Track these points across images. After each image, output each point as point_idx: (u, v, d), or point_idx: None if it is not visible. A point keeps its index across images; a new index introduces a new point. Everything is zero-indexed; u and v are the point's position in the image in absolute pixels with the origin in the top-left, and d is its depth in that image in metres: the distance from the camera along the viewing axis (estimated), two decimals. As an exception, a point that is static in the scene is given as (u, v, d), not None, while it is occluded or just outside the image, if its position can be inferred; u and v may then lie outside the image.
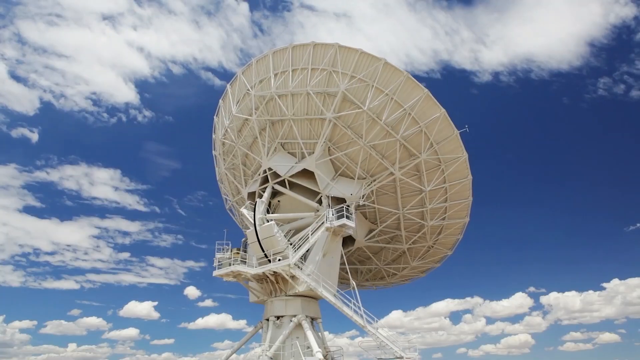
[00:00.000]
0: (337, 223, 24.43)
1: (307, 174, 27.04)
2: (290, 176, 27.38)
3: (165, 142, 73.35)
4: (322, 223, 24.86)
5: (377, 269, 31.51)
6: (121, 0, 63.17)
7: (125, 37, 64.91)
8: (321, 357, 24.51)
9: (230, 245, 26.41)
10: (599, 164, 66.82)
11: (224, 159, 30.71)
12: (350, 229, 25.04)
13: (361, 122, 24.82)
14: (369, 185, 26.44)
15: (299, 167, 27.10)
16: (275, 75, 26.10)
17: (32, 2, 58.95)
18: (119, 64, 64.60)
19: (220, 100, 30.37)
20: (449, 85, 68.57)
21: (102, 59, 64.07)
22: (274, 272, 24.50)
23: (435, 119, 24.13)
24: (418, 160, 25.56)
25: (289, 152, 28.43)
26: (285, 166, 27.50)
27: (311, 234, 24.46)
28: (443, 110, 24.06)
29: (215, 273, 25.36)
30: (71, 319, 61.54)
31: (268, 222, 25.01)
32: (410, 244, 29.41)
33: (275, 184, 27.77)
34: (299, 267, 23.99)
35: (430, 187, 26.15)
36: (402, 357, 20.42)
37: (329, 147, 26.67)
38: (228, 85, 29.27)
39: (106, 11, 62.20)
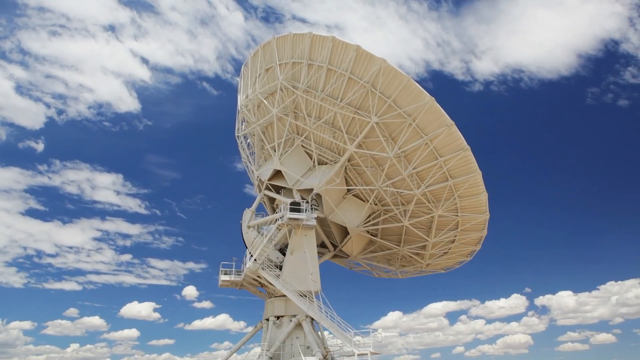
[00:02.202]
0: (288, 216, 24.21)
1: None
2: (272, 178, 27.52)
3: (165, 154, 75.04)
4: (277, 220, 25.08)
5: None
6: (122, 12, 64.49)
7: (126, 48, 66.58)
8: (321, 357, 24.76)
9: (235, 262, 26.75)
10: (592, 168, 69.57)
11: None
12: (311, 220, 24.66)
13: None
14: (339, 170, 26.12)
15: (270, 169, 27.34)
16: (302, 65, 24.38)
17: (36, 14, 60.23)
18: (120, 74, 66.21)
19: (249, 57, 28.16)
20: (441, 94, 72.48)
21: (104, 69, 65.59)
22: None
23: (456, 155, 23.45)
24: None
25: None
26: (267, 170, 27.71)
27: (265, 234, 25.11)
28: (467, 147, 23.08)
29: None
30: (72, 320, 61.85)
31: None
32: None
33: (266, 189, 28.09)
34: (262, 268, 24.37)
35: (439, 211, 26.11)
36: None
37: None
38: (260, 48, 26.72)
39: (106, 22, 63.94)
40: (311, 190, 25.79)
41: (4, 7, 61.60)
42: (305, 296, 23.17)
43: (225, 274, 26.36)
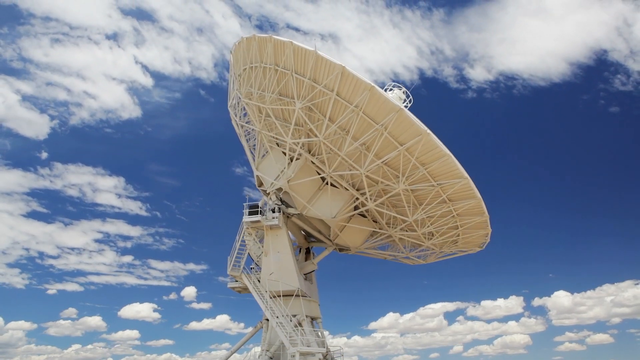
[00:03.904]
0: (244, 220, 24.08)
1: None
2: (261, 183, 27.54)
3: (166, 160, 75.35)
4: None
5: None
6: (123, 20, 65.72)
7: (128, 55, 67.63)
8: (321, 357, 23.93)
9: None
10: (587, 171, 70.26)
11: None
12: (272, 221, 24.22)
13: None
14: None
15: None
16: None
17: (40, 22, 60.97)
18: (121, 81, 67.16)
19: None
20: (434, 101, 71.80)
21: (107, 76, 66.82)
22: None
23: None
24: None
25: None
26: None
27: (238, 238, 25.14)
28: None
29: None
30: (72, 320, 61.98)
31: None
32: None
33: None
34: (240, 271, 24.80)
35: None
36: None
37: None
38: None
39: (110, 31, 65.60)
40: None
41: (9, 15, 63.14)
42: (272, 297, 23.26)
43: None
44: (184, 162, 76.03)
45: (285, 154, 25.47)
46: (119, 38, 65.88)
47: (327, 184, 25.43)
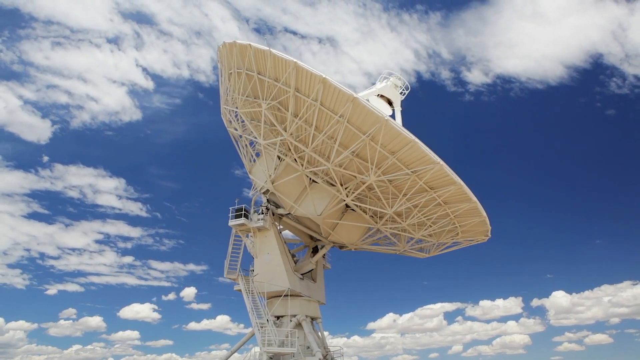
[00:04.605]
0: (229, 224, 24.35)
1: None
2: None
3: (166, 164, 75.31)
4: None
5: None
6: (123, 23, 66.31)
7: (129, 58, 67.99)
8: (321, 357, 23.71)
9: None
10: (586, 172, 69.79)
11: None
12: (258, 223, 24.42)
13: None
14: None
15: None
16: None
17: (41, 26, 61.22)
18: (122, 84, 67.52)
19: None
20: (432, 104, 72.94)
21: (108, 79, 67.19)
22: None
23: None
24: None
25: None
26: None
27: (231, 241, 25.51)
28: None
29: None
30: (73, 320, 61.95)
31: None
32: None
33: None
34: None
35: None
36: None
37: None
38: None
39: (111, 34, 66.30)
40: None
41: (10, 19, 63.33)
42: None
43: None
44: (184, 166, 76.61)
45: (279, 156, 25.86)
46: (119, 41, 66.51)
47: (312, 182, 25.23)
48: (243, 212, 24.76)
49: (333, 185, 23.38)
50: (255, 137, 24.81)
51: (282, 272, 24.49)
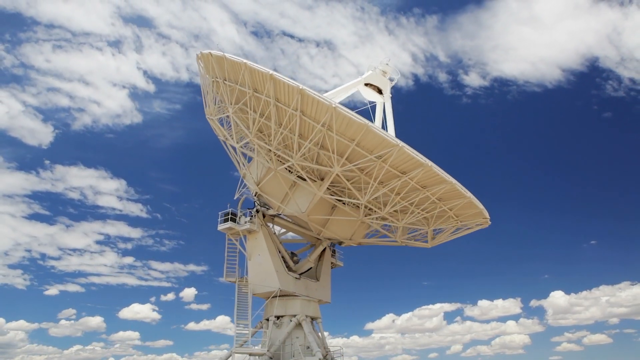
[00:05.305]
0: (218, 228, 24.65)
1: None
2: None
3: (166, 170, 75.72)
4: None
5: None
6: (124, 27, 66.82)
7: (129, 61, 68.42)
8: (321, 357, 23.48)
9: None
10: (584, 173, 70.68)
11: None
12: (245, 225, 24.64)
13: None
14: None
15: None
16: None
17: (43, 29, 61.93)
18: (123, 87, 67.75)
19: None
20: (430, 107, 73.20)
21: (109, 82, 67.59)
22: None
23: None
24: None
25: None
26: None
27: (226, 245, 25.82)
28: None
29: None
30: (73, 321, 61.89)
31: None
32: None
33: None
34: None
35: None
36: None
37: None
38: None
39: (112, 38, 66.90)
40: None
41: (12, 23, 63.78)
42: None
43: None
44: (184, 170, 77.41)
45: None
46: (120, 45, 67.42)
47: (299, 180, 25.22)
48: (230, 216, 25.32)
49: (305, 180, 23.17)
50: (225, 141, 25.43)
51: (273, 273, 24.56)
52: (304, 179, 23.12)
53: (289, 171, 23.68)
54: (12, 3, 59.74)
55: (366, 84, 29.26)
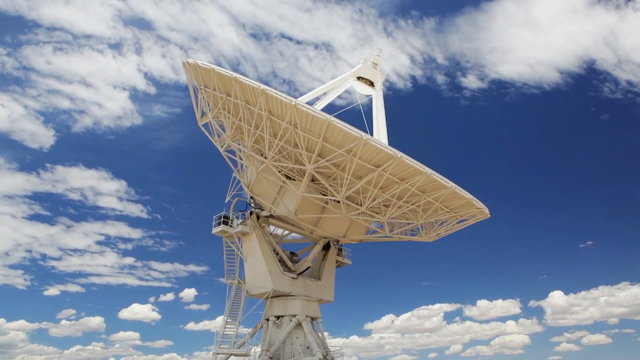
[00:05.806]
0: (213, 232, 25.09)
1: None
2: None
3: (166, 172, 76.17)
4: None
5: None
6: (124, 29, 67.74)
7: (130, 64, 69.31)
8: (321, 357, 23.42)
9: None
10: (583, 173, 68.60)
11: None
12: (237, 228, 24.91)
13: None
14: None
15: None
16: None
17: (43, 32, 62.33)
18: (123, 89, 68.44)
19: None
20: (428, 109, 72.70)
21: (110, 84, 68.22)
22: None
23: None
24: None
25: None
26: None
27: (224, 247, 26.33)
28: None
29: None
30: (73, 321, 62.15)
31: None
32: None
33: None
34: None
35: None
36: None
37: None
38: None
39: (113, 40, 67.66)
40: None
41: (13, 26, 64.18)
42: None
43: None
44: (184, 172, 77.82)
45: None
46: (121, 47, 68.18)
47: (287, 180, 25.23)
48: (222, 219, 25.85)
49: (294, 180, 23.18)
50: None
51: (266, 274, 24.74)
52: (293, 179, 23.18)
53: (280, 172, 23.83)
54: (13, 6, 61.04)
55: (358, 78, 28.81)
